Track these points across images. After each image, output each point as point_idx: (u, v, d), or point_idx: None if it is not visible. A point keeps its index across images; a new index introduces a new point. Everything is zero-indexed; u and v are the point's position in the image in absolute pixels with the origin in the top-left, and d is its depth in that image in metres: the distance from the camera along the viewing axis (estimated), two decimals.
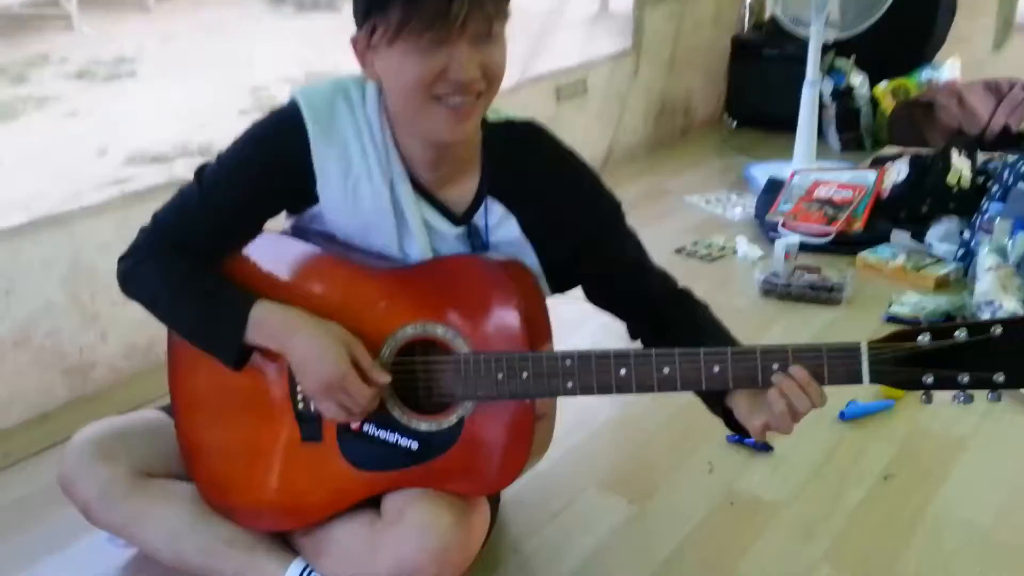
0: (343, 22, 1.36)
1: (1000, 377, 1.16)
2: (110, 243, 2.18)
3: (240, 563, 1.43)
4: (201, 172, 1.38)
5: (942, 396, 1.20)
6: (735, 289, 2.74)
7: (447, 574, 1.31)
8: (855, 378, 1.21)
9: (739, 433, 1.36)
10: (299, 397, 1.37)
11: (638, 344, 1.51)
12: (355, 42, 1.26)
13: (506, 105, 1.40)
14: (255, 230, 1.40)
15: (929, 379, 1.18)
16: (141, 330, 2.28)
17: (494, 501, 1.53)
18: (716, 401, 1.35)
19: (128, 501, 1.44)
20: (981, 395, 1.19)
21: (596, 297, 1.51)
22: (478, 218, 1.39)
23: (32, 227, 2.11)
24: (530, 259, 1.41)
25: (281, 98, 1.37)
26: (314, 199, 1.36)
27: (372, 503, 1.39)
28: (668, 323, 1.47)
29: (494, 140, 1.38)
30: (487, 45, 1.22)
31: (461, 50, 1.20)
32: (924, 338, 1.17)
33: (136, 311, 1.40)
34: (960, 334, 1.16)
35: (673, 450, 1.95)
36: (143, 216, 2.22)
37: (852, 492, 1.81)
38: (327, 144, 1.33)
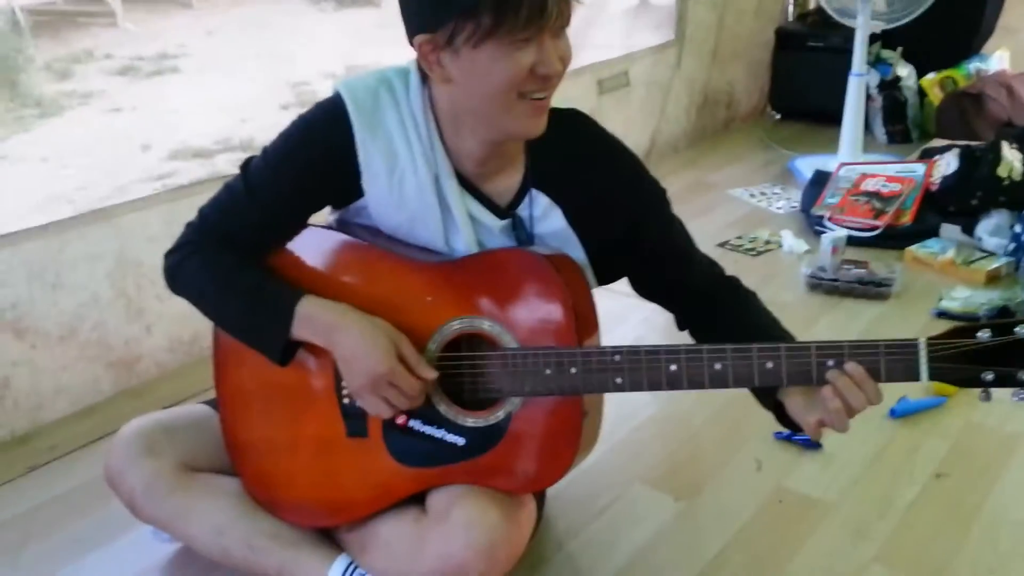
0: (383, 17, 1.34)
1: None
2: (155, 237, 2.20)
3: (284, 558, 1.43)
4: (247, 167, 1.37)
5: (1000, 393, 1.17)
6: (781, 283, 2.70)
7: (494, 571, 1.30)
8: (913, 375, 1.18)
9: (791, 429, 1.33)
10: (344, 392, 1.37)
11: (686, 335, 1.48)
12: (421, 44, 1.23)
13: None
14: (301, 224, 1.40)
15: (989, 376, 1.15)
16: (185, 323, 2.29)
17: (540, 497, 1.52)
18: (767, 396, 1.32)
19: (173, 495, 1.44)
20: None
21: (643, 287, 1.49)
22: (522, 210, 1.38)
23: (78, 221, 2.13)
24: (576, 251, 1.39)
25: (322, 93, 1.36)
26: (359, 193, 1.35)
27: (417, 499, 1.38)
28: (717, 312, 1.45)
29: None
30: (561, 37, 1.23)
31: (547, 45, 1.20)
32: (984, 334, 1.14)
33: (181, 304, 1.40)
34: (1021, 330, 1.13)
35: (720, 446, 1.92)
36: (188, 210, 2.23)
37: (904, 491, 1.77)
38: (372, 137, 1.32)
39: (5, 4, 2.47)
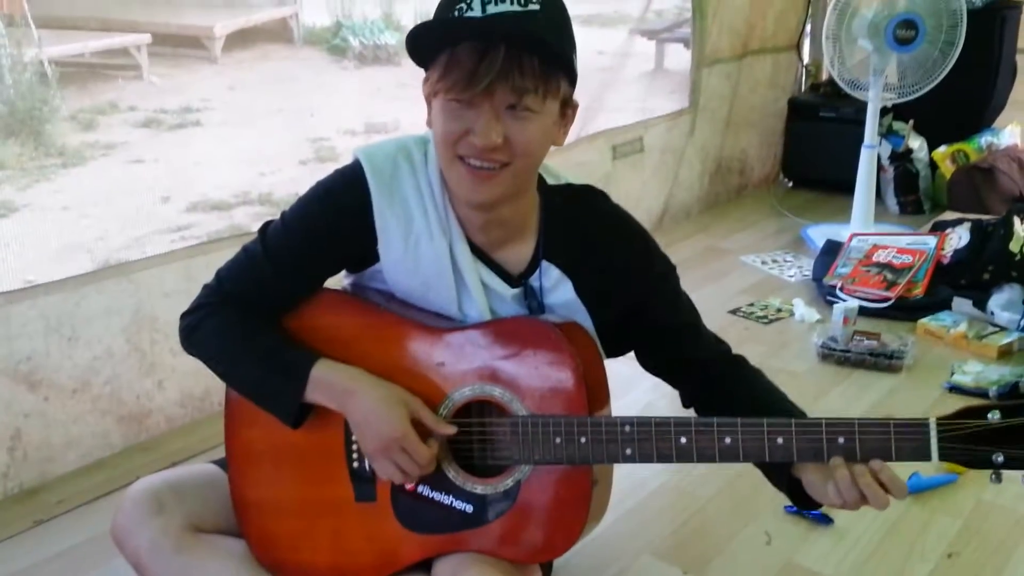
0: (403, 76, 1.38)
1: None
2: (171, 292, 2.23)
3: None
4: (265, 229, 1.40)
5: (1012, 475, 1.16)
6: (792, 353, 2.69)
7: None
8: (924, 455, 1.17)
9: (804, 506, 1.31)
10: (354, 456, 1.37)
11: (691, 412, 1.48)
12: (423, 80, 1.28)
13: (563, 161, 1.40)
14: (317, 287, 1.41)
15: (1000, 458, 1.15)
16: (198, 379, 2.31)
17: (547, 567, 1.50)
18: (780, 473, 1.31)
19: (179, 555, 1.43)
20: None
21: (649, 362, 1.50)
22: (534, 280, 1.39)
23: (97, 276, 2.16)
24: (585, 322, 1.40)
25: (340, 149, 1.39)
26: (375, 258, 1.37)
27: (423, 567, 1.37)
28: (724, 389, 1.44)
29: (552, 204, 1.39)
30: (517, 118, 1.22)
31: (484, 115, 1.21)
32: (994, 415, 1.14)
33: (193, 360, 1.41)
34: None
35: (730, 518, 1.90)
36: (204, 267, 2.26)
37: (915, 570, 1.75)
38: (389, 204, 1.34)
39: (34, 56, 2.53)
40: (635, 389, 2.35)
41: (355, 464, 1.37)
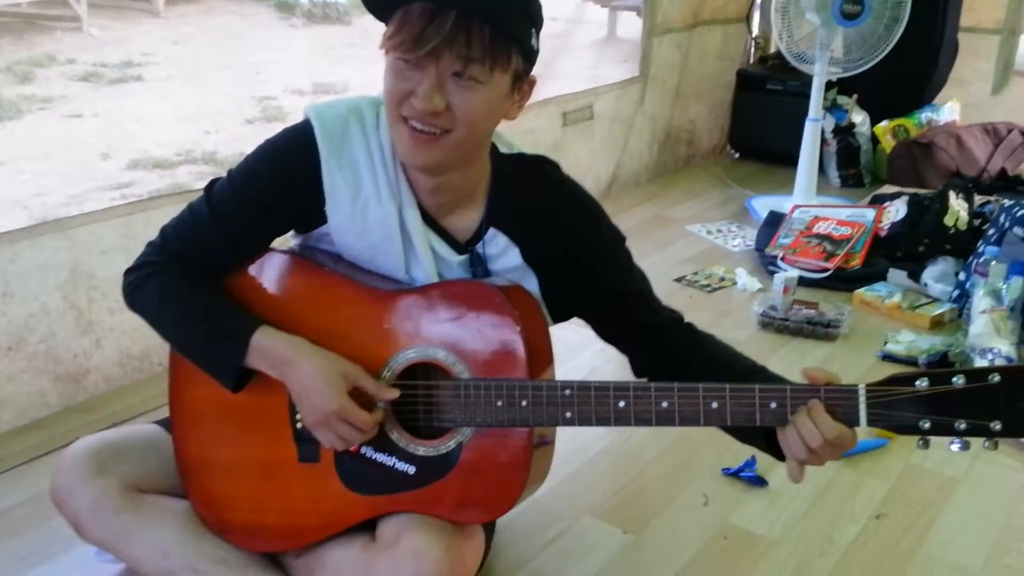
0: (353, 36, 1.37)
1: (997, 425, 1.16)
2: (110, 249, 2.18)
3: None
4: (211, 188, 1.38)
5: (939, 441, 1.20)
6: (733, 320, 2.75)
7: None
8: (852, 420, 1.21)
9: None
10: (297, 417, 1.37)
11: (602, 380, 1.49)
12: (383, 33, 1.26)
13: (512, 128, 1.40)
14: (263, 248, 1.41)
15: (926, 425, 1.18)
16: (136, 338, 2.27)
17: (489, 528, 1.53)
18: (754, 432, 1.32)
19: (120, 516, 1.43)
20: (977, 441, 1.19)
21: (604, 331, 1.50)
22: (480, 247, 1.40)
23: (32, 231, 2.11)
24: (531, 286, 1.42)
25: (288, 109, 1.38)
26: (323, 219, 1.37)
27: (367, 527, 1.39)
28: (681, 353, 1.45)
29: (502, 172, 1.39)
30: (461, 86, 1.21)
31: (428, 79, 1.20)
32: (922, 383, 1.17)
33: (132, 318, 1.40)
34: (958, 380, 1.16)
35: (668, 481, 1.95)
36: (145, 223, 2.22)
37: (845, 530, 1.81)
38: (338, 165, 1.33)
39: None
40: (580, 354, 2.38)
41: (298, 425, 1.38)
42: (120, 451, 1.47)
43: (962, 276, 2.81)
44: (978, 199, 3.17)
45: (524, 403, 1.29)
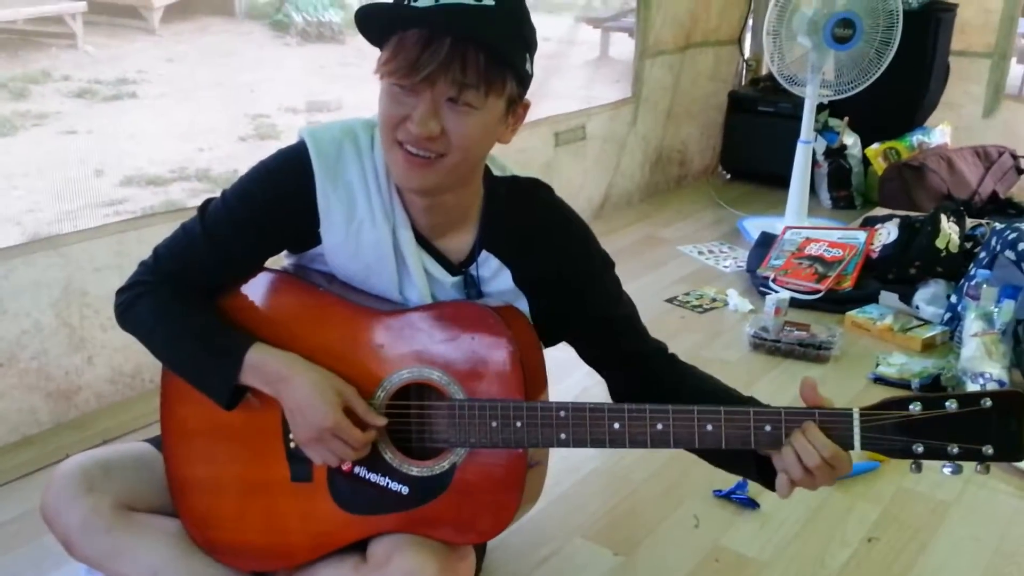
0: (347, 55, 1.37)
1: (989, 449, 1.17)
2: (103, 267, 2.18)
3: None
4: (205, 208, 1.38)
5: (932, 464, 1.20)
6: (725, 342, 2.75)
7: None
8: (847, 444, 1.21)
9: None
10: (291, 436, 1.37)
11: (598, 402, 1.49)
12: (378, 58, 1.27)
13: (505, 148, 1.41)
14: (256, 268, 1.41)
15: (919, 449, 1.19)
16: (127, 356, 2.27)
17: (480, 548, 1.52)
18: (746, 458, 1.31)
19: (110, 534, 1.42)
20: (969, 464, 1.20)
21: (588, 355, 1.51)
22: (473, 269, 1.41)
23: (26, 248, 2.11)
24: (522, 309, 1.42)
25: (281, 127, 1.38)
26: (317, 240, 1.37)
27: (358, 547, 1.38)
28: (665, 382, 1.45)
29: (494, 195, 1.40)
30: (456, 112, 1.22)
31: (423, 104, 1.21)
32: (915, 407, 1.18)
33: (124, 336, 1.39)
34: (950, 405, 1.17)
35: (660, 502, 1.95)
36: (138, 241, 2.21)
37: (836, 553, 1.81)
38: (333, 187, 1.34)
39: None
40: (572, 375, 2.38)
41: (292, 444, 1.37)
42: (111, 469, 1.46)
43: (954, 299, 2.83)
44: (969, 222, 3.19)
45: (519, 424, 1.29)
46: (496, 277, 1.41)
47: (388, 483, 1.35)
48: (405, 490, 1.34)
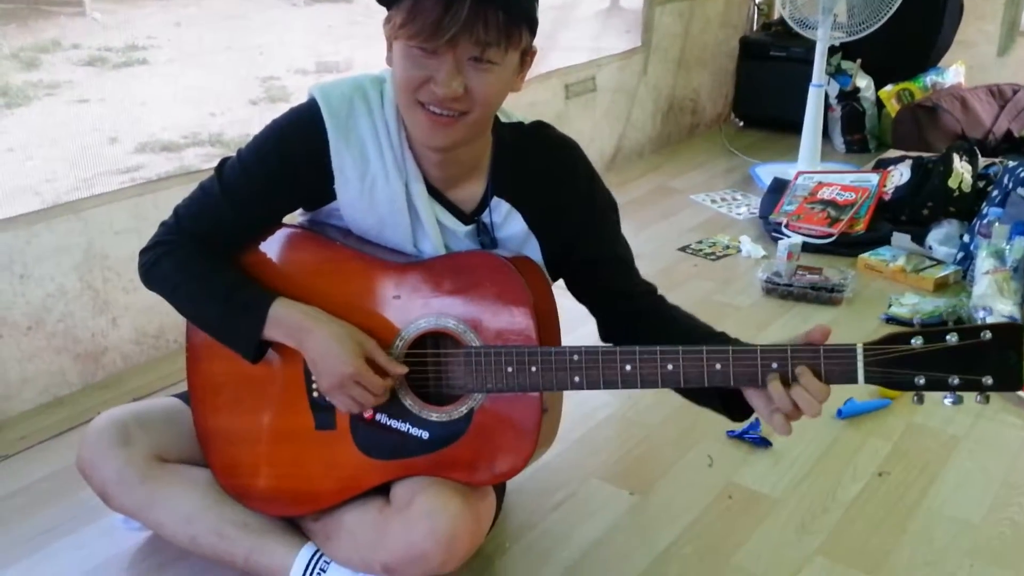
0: (354, 14, 1.39)
1: (988, 380, 1.19)
2: (122, 230, 2.23)
3: (252, 546, 1.48)
4: (221, 167, 1.42)
5: (934, 396, 1.24)
6: (738, 288, 2.78)
7: (454, 560, 1.36)
8: (851, 378, 1.24)
9: (736, 417, 1.37)
10: (314, 386, 1.42)
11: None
12: (384, 20, 1.28)
13: (515, 101, 1.43)
14: (273, 224, 1.44)
15: (921, 381, 1.22)
16: (151, 317, 2.32)
17: (500, 490, 1.57)
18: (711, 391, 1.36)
19: (144, 485, 1.48)
20: (971, 396, 1.23)
21: (580, 291, 1.54)
22: (486, 216, 1.44)
23: (46, 214, 2.15)
24: (534, 252, 1.46)
25: (292, 89, 1.41)
26: (331, 197, 1.40)
27: (382, 491, 1.44)
28: (651, 322, 1.48)
29: (503, 142, 1.43)
30: (478, 70, 1.24)
31: (446, 66, 1.23)
32: (917, 341, 1.21)
33: (146, 298, 1.44)
34: (951, 338, 1.19)
35: (674, 444, 1.99)
36: (154, 204, 2.25)
37: (848, 488, 1.85)
38: (345, 144, 1.37)
39: None
40: (586, 325, 2.42)
41: (315, 394, 1.42)
42: (143, 423, 1.52)
43: (966, 238, 2.84)
44: (982, 161, 3.18)
45: (534, 369, 1.33)
46: (508, 221, 1.44)
47: (409, 429, 1.40)
48: (425, 435, 1.39)
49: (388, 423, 1.40)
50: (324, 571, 1.46)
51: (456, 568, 1.39)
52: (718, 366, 1.27)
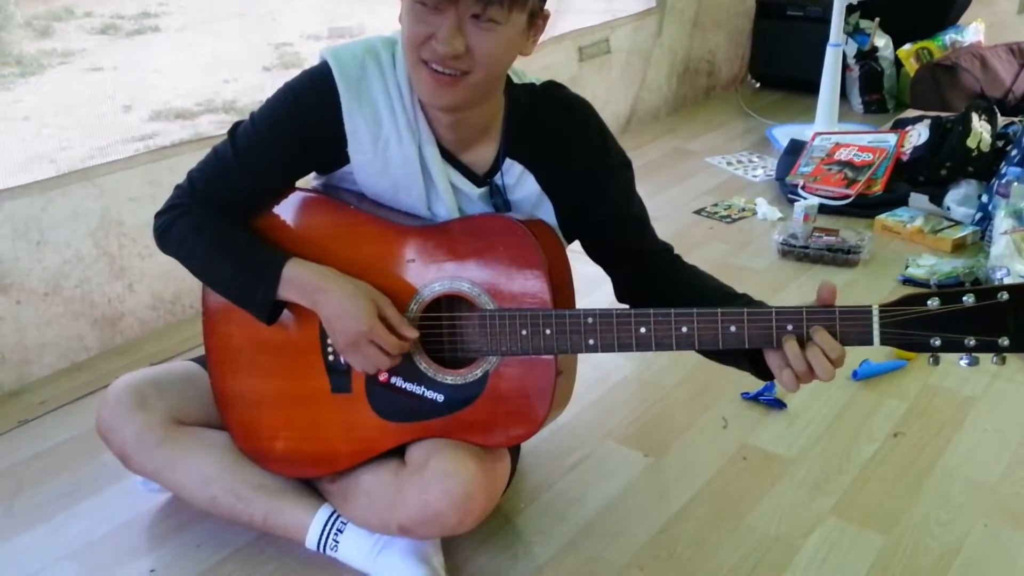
0: None
1: (1005, 341, 1.19)
2: (137, 197, 2.24)
3: (269, 507, 1.50)
4: (235, 130, 1.42)
5: (949, 358, 1.23)
6: (754, 250, 2.76)
7: (469, 520, 1.38)
8: (866, 340, 1.24)
9: (764, 377, 1.37)
10: (329, 350, 1.43)
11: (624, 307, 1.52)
12: None
13: (527, 64, 1.42)
14: (287, 188, 1.44)
15: (937, 342, 1.21)
16: (167, 282, 2.34)
17: (515, 452, 1.59)
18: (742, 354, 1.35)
19: (163, 447, 1.50)
20: (986, 356, 1.22)
21: (595, 250, 1.54)
22: (498, 178, 1.43)
23: (61, 181, 2.16)
24: (548, 214, 1.46)
25: (304, 55, 1.40)
26: (345, 160, 1.40)
27: (397, 452, 1.45)
28: (668, 280, 1.48)
29: (516, 104, 1.42)
30: (480, 28, 1.23)
31: (448, 22, 1.22)
32: (933, 302, 1.20)
33: (162, 263, 1.44)
34: (968, 299, 1.19)
35: (689, 406, 2.00)
36: (169, 171, 2.25)
37: (862, 449, 1.85)
38: (358, 106, 1.36)
39: None
40: (599, 288, 2.42)
41: (330, 357, 1.43)
42: (161, 386, 1.53)
43: (984, 198, 2.81)
44: (1002, 120, 3.14)
45: (548, 331, 1.33)
46: (521, 183, 1.43)
47: (424, 392, 1.40)
48: (440, 398, 1.40)
49: (403, 386, 1.41)
50: (341, 531, 1.48)
51: (471, 528, 1.41)
52: (732, 328, 1.27)
